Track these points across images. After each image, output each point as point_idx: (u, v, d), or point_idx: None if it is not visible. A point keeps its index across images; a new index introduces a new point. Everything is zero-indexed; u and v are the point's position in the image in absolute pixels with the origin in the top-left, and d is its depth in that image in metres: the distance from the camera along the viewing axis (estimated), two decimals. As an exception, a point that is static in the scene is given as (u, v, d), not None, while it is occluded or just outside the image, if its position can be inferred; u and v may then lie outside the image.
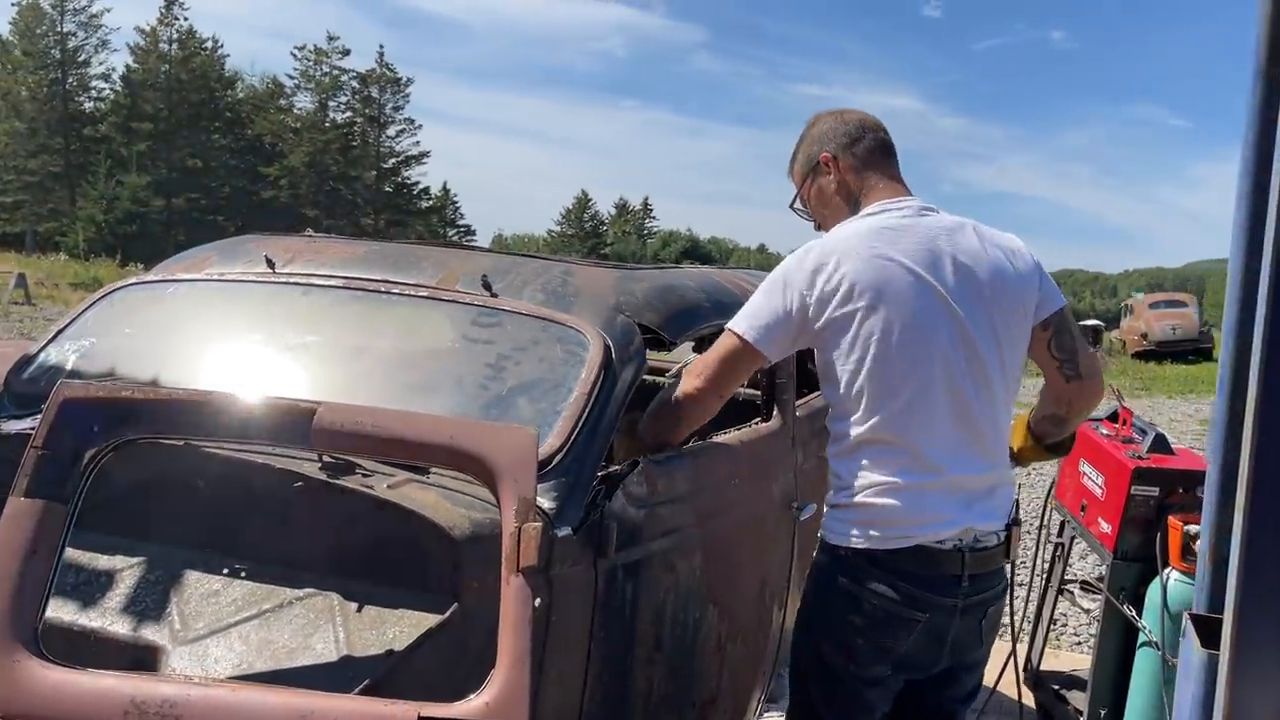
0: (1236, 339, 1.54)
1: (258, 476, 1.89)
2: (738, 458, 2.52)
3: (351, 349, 2.30)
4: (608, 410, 2.07)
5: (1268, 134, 1.48)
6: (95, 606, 1.84)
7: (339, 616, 1.76)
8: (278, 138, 66.47)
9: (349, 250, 2.56)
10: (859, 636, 2.12)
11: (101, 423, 1.68)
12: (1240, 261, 1.53)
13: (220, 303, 2.46)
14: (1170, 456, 3.44)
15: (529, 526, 1.61)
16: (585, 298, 2.31)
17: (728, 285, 2.81)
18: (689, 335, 2.41)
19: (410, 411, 1.80)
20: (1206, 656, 1.39)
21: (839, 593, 2.12)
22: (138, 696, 1.49)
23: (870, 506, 2.09)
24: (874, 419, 2.08)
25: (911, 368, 2.08)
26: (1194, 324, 28.30)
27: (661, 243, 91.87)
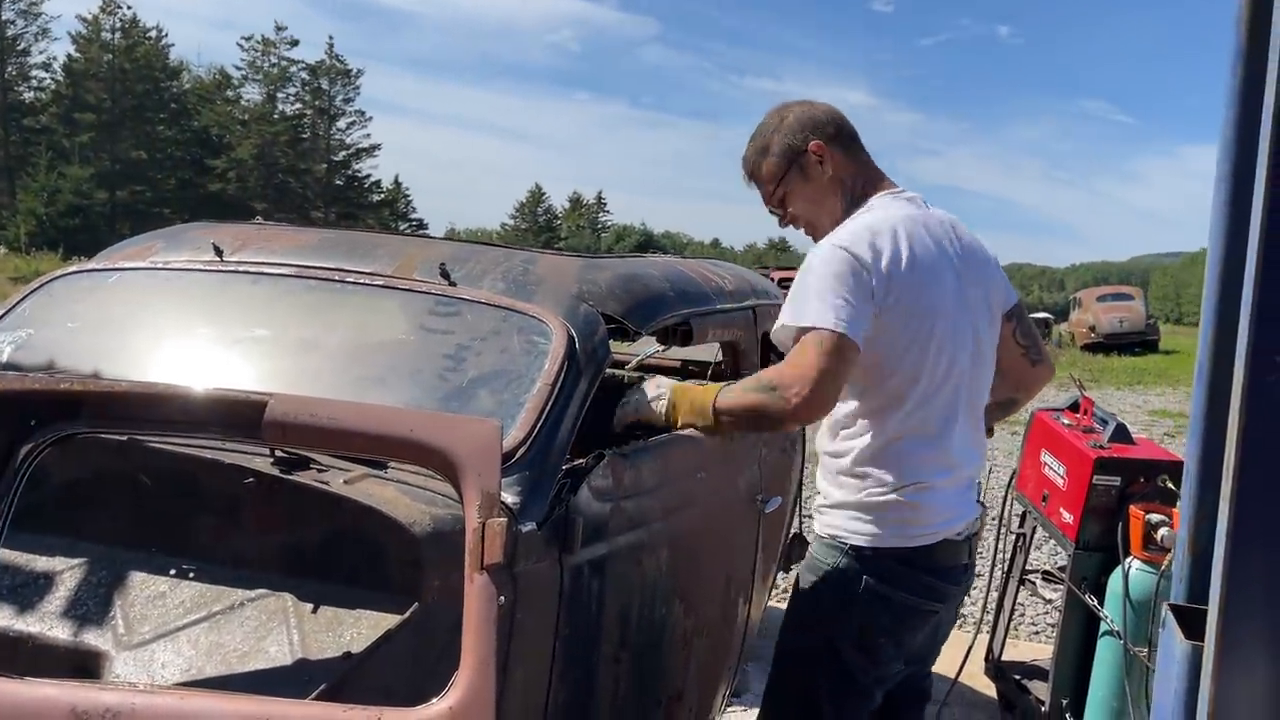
0: (1216, 329, 1.51)
1: (205, 473, 1.80)
2: (703, 450, 2.47)
3: (304, 340, 2.21)
4: (572, 402, 2.01)
5: (1249, 115, 1.45)
6: (32, 611, 1.74)
7: (293, 618, 1.69)
8: (225, 129, 65.33)
9: (301, 238, 2.47)
10: (884, 636, 2.10)
11: (38, 416, 1.59)
12: (1220, 246, 1.50)
13: (166, 292, 2.36)
14: (1131, 446, 3.45)
15: (493, 522, 1.54)
16: (547, 287, 2.24)
17: (692, 275, 2.76)
18: (653, 325, 2.35)
19: (367, 403, 1.72)
20: (1190, 648, 1.36)
21: (866, 594, 2.08)
22: (79, 706, 1.40)
23: (908, 505, 2.05)
24: (921, 411, 2.05)
25: (951, 361, 2.07)
26: (1140, 316, 28.78)
27: (616, 237, 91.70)
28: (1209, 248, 1.54)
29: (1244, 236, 1.42)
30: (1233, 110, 1.49)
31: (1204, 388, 1.53)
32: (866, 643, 2.10)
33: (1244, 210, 1.43)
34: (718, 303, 2.72)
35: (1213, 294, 1.52)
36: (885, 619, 2.08)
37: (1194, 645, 1.36)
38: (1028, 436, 3.84)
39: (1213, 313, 1.52)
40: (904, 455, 2.06)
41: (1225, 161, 1.51)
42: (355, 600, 1.70)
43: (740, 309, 2.87)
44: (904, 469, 2.06)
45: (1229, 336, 1.45)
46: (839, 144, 2.22)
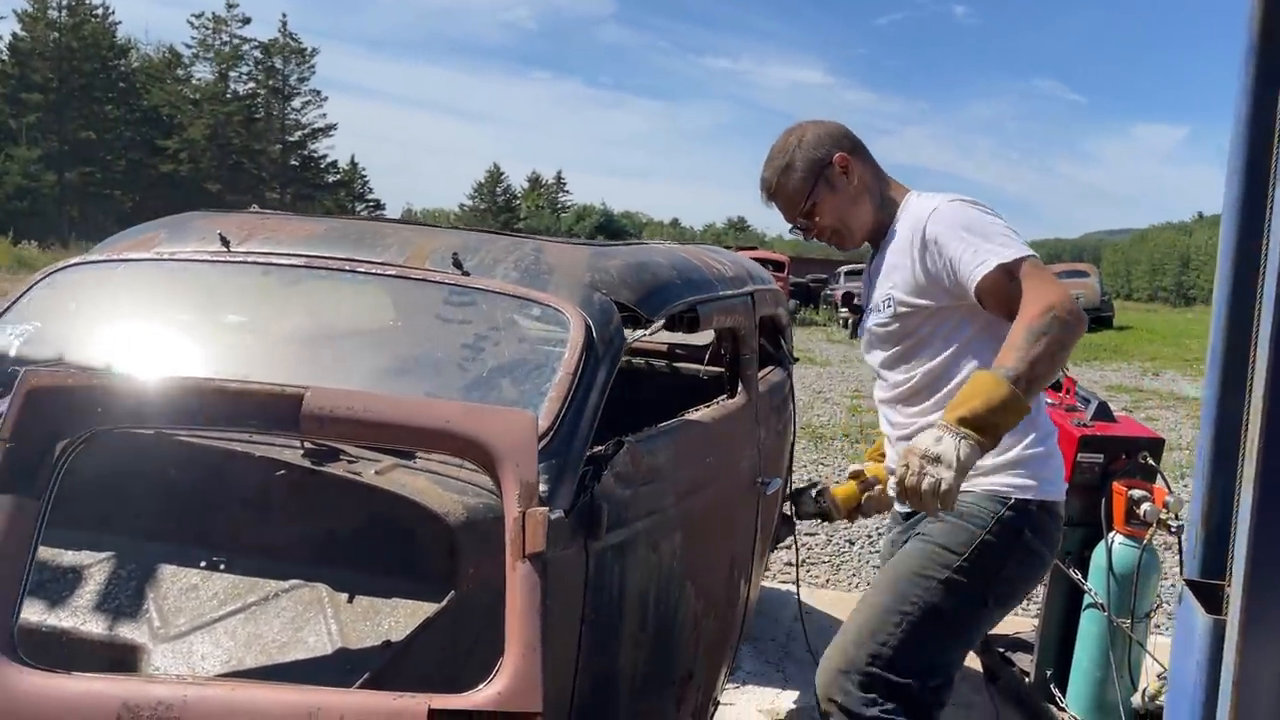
0: (1229, 315, 1.57)
1: (234, 465, 1.81)
2: (711, 435, 2.51)
3: (320, 331, 2.22)
4: (593, 391, 2.04)
5: (1263, 110, 1.50)
6: (64, 606, 1.74)
7: (329, 608, 1.70)
8: (176, 109, 64.14)
9: (308, 228, 2.47)
10: (1025, 587, 2.25)
11: (73, 412, 1.59)
12: (1233, 233, 1.56)
13: (175, 284, 2.35)
14: (1113, 424, 3.55)
15: (534, 511, 1.57)
16: (559, 275, 2.26)
17: (695, 262, 2.79)
18: (664, 313, 2.38)
19: (403, 395, 1.74)
20: (1212, 622, 1.42)
21: (1022, 548, 2.18)
22: (130, 700, 1.42)
23: (1054, 457, 2.25)
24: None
25: None
26: (1096, 293, 29.27)
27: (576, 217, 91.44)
28: (1222, 234, 1.60)
29: (1259, 222, 1.48)
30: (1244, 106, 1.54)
31: (1217, 372, 1.59)
32: (1010, 594, 2.22)
33: (1259, 195, 1.48)
34: (720, 289, 2.76)
35: (1226, 280, 1.58)
36: (1031, 573, 2.22)
37: (1216, 620, 1.43)
38: (1011, 416, 3.91)
39: (1226, 300, 1.58)
40: (1040, 407, 2.24)
41: (1238, 154, 1.56)
42: (389, 589, 1.72)
43: (740, 295, 2.90)
44: (1041, 420, 2.23)
45: (1243, 323, 1.52)
46: (859, 154, 2.37)
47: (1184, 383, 16.81)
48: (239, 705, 1.43)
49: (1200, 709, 1.43)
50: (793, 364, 3.83)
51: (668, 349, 4.27)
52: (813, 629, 3.76)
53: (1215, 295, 1.60)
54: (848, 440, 9.98)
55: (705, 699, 2.78)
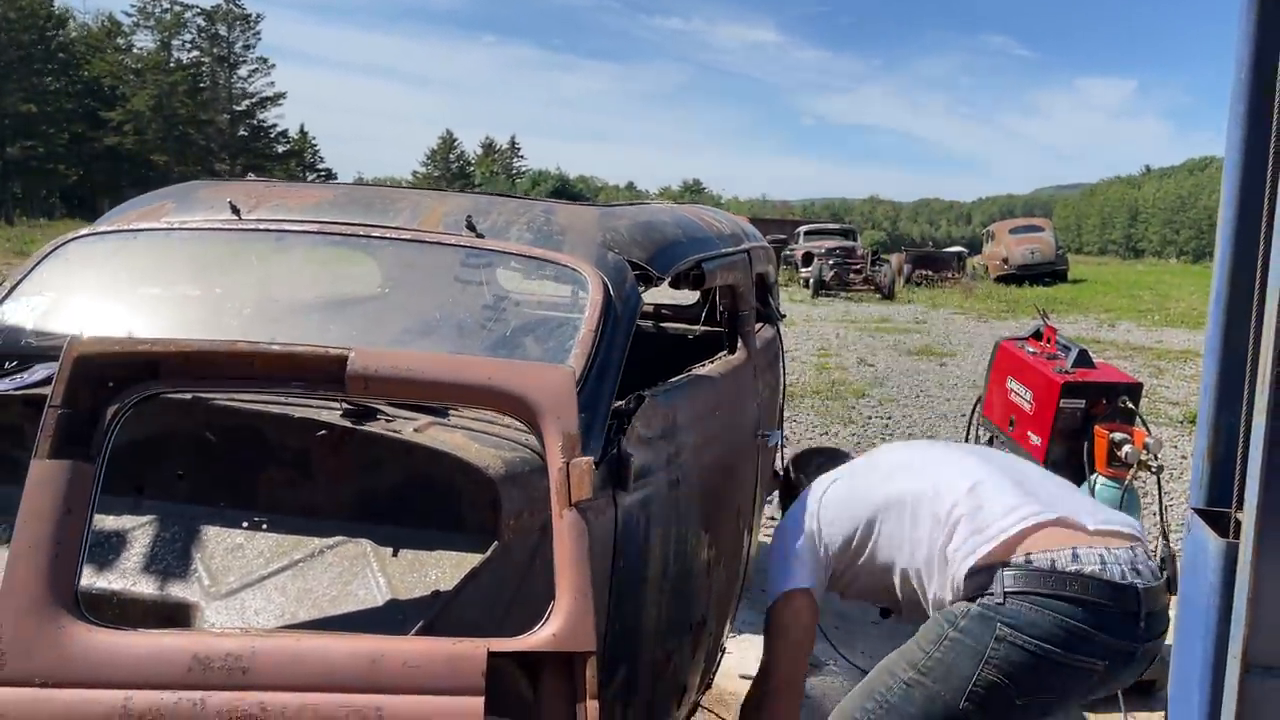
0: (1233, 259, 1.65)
1: (273, 427, 1.85)
2: (719, 390, 2.58)
3: (339, 297, 2.25)
4: (615, 347, 2.09)
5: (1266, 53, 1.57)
6: (114, 568, 1.78)
7: (375, 562, 1.76)
8: (118, 80, 62.64)
9: (317, 194, 2.49)
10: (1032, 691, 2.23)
11: (120, 377, 1.62)
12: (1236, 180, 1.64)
13: (188, 253, 2.37)
14: (1093, 370, 3.67)
15: (579, 461, 1.63)
16: (572, 236, 2.31)
17: (695, 219, 2.85)
18: (673, 270, 2.44)
19: (443, 354, 1.79)
20: (1225, 545, 1.52)
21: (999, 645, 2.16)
22: (200, 652, 1.47)
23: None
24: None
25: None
26: (1051, 247, 29.66)
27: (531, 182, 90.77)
28: (1225, 173, 1.67)
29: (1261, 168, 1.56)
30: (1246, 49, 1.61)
31: (1220, 312, 1.68)
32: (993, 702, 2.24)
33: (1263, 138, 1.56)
34: (720, 247, 2.82)
35: (1230, 220, 1.65)
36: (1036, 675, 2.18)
37: (1228, 543, 1.52)
38: (993, 365, 4.04)
39: (1230, 239, 1.66)
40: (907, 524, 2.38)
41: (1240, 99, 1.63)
42: (432, 542, 1.78)
43: (738, 252, 2.96)
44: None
45: (1247, 266, 1.60)
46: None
47: (1139, 333, 17.18)
48: (305, 654, 1.49)
49: (1214, 627, 1.53)
50: (780, 320, 3.90)
51: (654, 310, 4.33)
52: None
53: (1219, 233, 1.68)
54: (819, 397, 10.13)
55: (715, 645, 2.87)
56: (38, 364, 2.07)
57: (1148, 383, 11.01)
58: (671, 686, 2.47)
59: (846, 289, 25.14)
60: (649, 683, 2.28)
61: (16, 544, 1.49)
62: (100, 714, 1.42)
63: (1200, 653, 1.60)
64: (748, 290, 3.01)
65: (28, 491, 1.52)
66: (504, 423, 1.91)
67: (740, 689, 3.71)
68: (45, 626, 1.47)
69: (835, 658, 3.86)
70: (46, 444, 1.56)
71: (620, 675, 2.12)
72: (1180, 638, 1.77)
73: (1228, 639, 1.52)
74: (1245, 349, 1.59)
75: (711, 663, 2.94)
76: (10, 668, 1.43)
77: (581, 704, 1.52)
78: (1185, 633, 1.72)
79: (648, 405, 2.16)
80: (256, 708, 1.42)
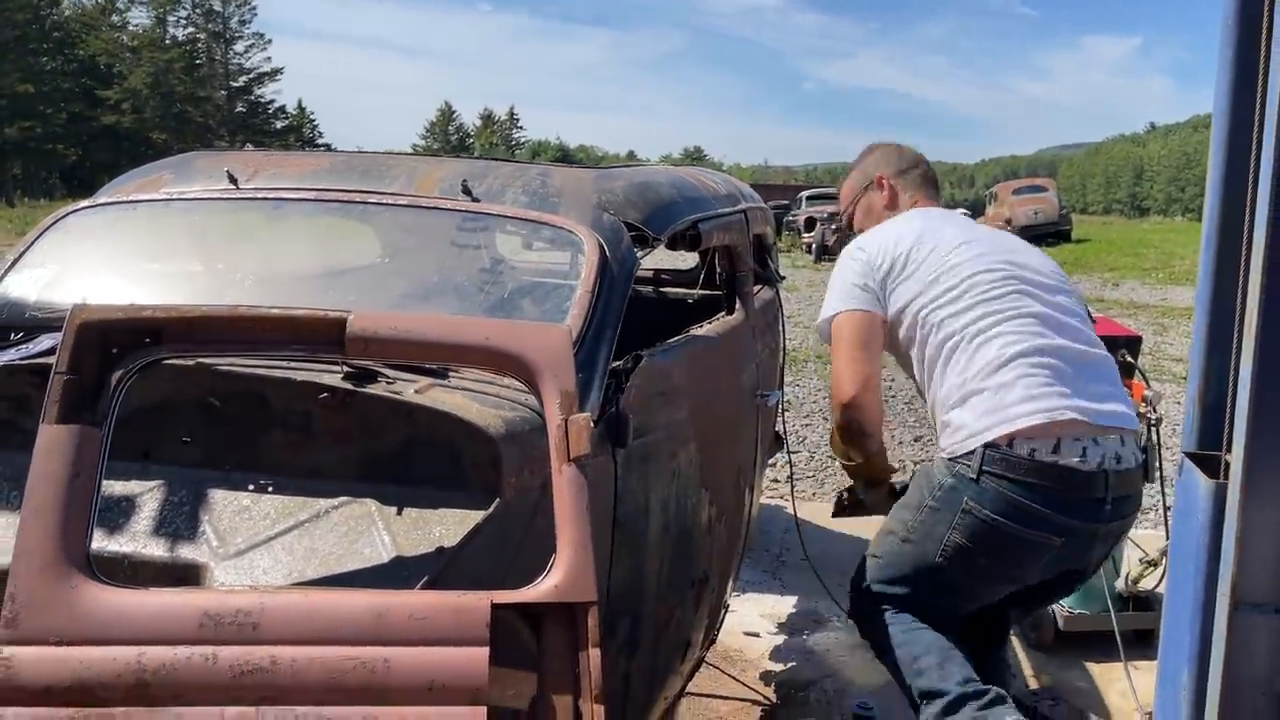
0: (1223, 202, 1.66)
1: (276, 390, 1.88)
2: (717, 349, 2.60)
3: (338, 264, 2.27)
4: (612, 307, 2.11)
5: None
6: (122, 531, 1.82)
7: (380, 521, 1.79)
8: (114, 58, 62.36)
9: (313, 162, 2.50)
10: (986, 556, 2.53)
11: (124, 343, 1.65)
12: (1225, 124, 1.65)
13: (187, 223, 2.39)
14: (1092, 324, 3.67)
15: (577, 418, 1.65)
16: (568, 198, 2.32)
17: (691, 180, 2.86)
18: (669, 231, 2.45)
19: (442, 315, 1.81)
20: (1214, 486, 1.54)
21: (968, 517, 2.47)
22: (210, 609, 1.50)
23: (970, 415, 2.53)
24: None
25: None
26: (1054, 208, 29.56)
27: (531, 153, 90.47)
28: (1214, 120, 1.68)
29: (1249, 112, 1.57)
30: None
31: (1211, 255, 1.69)
32: (961, 560, 2.54)
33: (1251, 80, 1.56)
34: (717, 207, 2.83)
35: (1219, 165, 1.66)
36: (988, 543, 2.50)
37: (1218, 484, 1.55)
38: (992, 323, 4.04)
39: (1219, 186, 1.67)
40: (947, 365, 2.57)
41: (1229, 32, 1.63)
42: (435, 501, 1.81)
43: (735, 213, 2.97)
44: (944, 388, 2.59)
45: (1236, 209, 1.62)
46: (903, 178, 2.88)
47: (1143, 291, 17.14)
48: (314, 609, 1.52)
49: (1204, 566, 1.56)
50: (779, 283, 3.92)
51: (654, 275, 4.34)
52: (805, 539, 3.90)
53: (1209, 181, 1.68)
54: (820, 362, 10.14)
55: (718, 602, 2.91)
56: (43, 334, 2.09)
57: (1151, 340, 11.02)
58: (675, 642, 2.51)
59: (849, 253, 25.03)
60: (652, 638, 2.32)
61: (28, 507, 1.52)
62: (115, 670, 1.46)
63: (1191, 592, 1.62)
64: (745, 251, 3.03)
65: (36, 456, 1.55)
66: (503, 383, 1.94)
67: (745, 646, 3.77)
68: (58, 586, 1.51)
69: (839, 614, 3.90)
70: (54, 410, 1.58)
71: (623, 630, 2.16)
72: (1172, 579, 1.80)
73: (1217, 578, 1.55)
74: (1234, 297, 1.60)
75: (715, 619, 2.99)
76: (25, 627, 1.47)
77: (584, 652, 1.55)
78: (1177, 574, 1.74)
79: (645, 364, 2.18)
80: (267, 661, 1.46)
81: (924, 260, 2.53)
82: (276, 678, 1.46)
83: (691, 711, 3.26)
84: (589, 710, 1.53)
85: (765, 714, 3.31)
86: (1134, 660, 3.40)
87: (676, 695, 2.77)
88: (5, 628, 1.46)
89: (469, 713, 1.47)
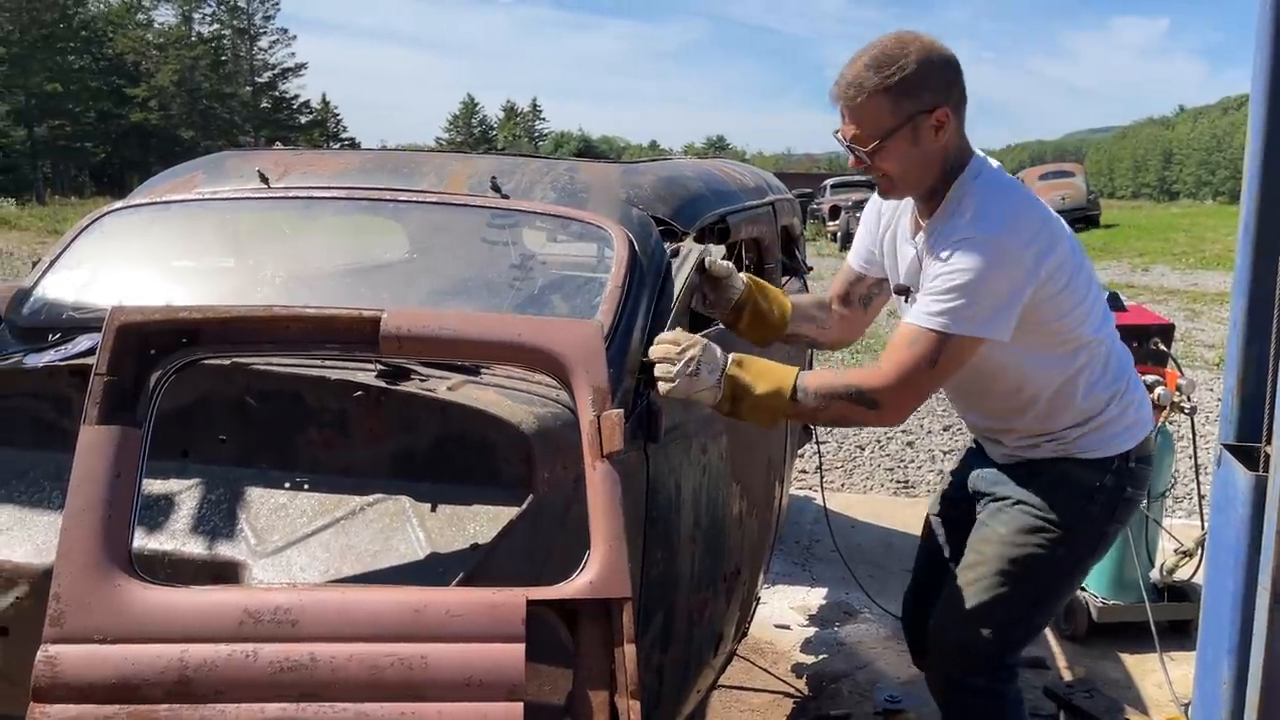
0: (1261, 192, 1.64)
1: (311, 389, 1.89)
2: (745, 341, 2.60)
3: (370, 261, 2.29)
4: (641, 303, 2.11)
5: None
6: (162, 530, 1.84)
7: (414, 518, 1.80)
8: (141, 55, 62.82)
9: (343, 161, 2.52)
10: (1121, 529, 2.33)
11: (162, 345, 1.67)
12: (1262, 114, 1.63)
13: (220, 222, 2.41)
14: (1124, 312, 3.64)
15: (609, 414, 1.66)
16: (596, 193, 2.32)
17: (718, 173, 2.85)
18: (698, 225, 2.45)
19: (474, 312, 1.82)
20: (1254, 479, 1.53)
21: (1124, 504, 2.23)
22: (250, 606, 1.52)
23: (1140, 403, 2.30)
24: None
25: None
26: (1082, 193, 29.26)
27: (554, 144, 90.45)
28: (1252, 107, 1.66)
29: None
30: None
31: (1250, 246, 1.68)
32: (1108, 546, 2.37)
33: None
34: (744, 200, 2.82)
35: (1256, 154, 1.64)
36: (1130, 516, 2.32)
37: (1257, 476, 1.53)
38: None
39: (1257, 175, 1.65)
40: (1117, 356, 2.27)
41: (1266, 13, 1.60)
42: (468, 497, 1.82)
43: (763, 204, 2.97)
44: (1124, 372, 2.27)
45: (1274, 194, 1.60)
46: (959, 112, 2.04)
47: (1173, 276, 16.95)
48: (351, 606, 1.54)
49: (1244, 559, 1.55)
50: (807, 273, 3.90)
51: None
52: (834, 530, 3.90)
53: (1246, 168, 1.67)
54: (848, 350, 10.10)
55: (749, 595, 2.92)
56: (81, 335, 2.12)
57: (1182, 326, 10.90)
58: (707, 635, 2.52)
59: (875, 241, 24.92)
60: (685, 631, 2.32)
61: (70, 508, 1.55)
62: (158, 667, 1.48)
63: (1231, 585, 1.61)
64: (773, 243, 3.02)
65: (79, 457, 1.58)
66: (535, 379, 1.95)
67: (775, 638, 3.77)
68: (102, 585, 1.53)
69: (870, 605, 3.90)
70: (94, 411, 1.61)
71: (656, 624, 2.17)
72: (1211, 571, 1.79)
73: (1257, 571, 1.53)
74: (1273, 284, 1.59)
75: (746, 612, 2.99)
76: (70, 625, 1.50)
77: (619, 648, 1.56)
78: (1216, 566, 1.73)
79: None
80: (307, 658, 1.48)
81: (1073, 270, 2.05)
82: (316, 674, 1.48)
83: (723, 704, 3.27)
84: (625, 705, 1.54)
85: (797, 706, 3.31)
86: (1169, 651, 3.38)
87: (709, 688, 2.78)
88: (50, 626, 1.49)
89: (506, 708, 1.48)
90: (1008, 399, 2.20)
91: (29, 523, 1.86)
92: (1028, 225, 1.98)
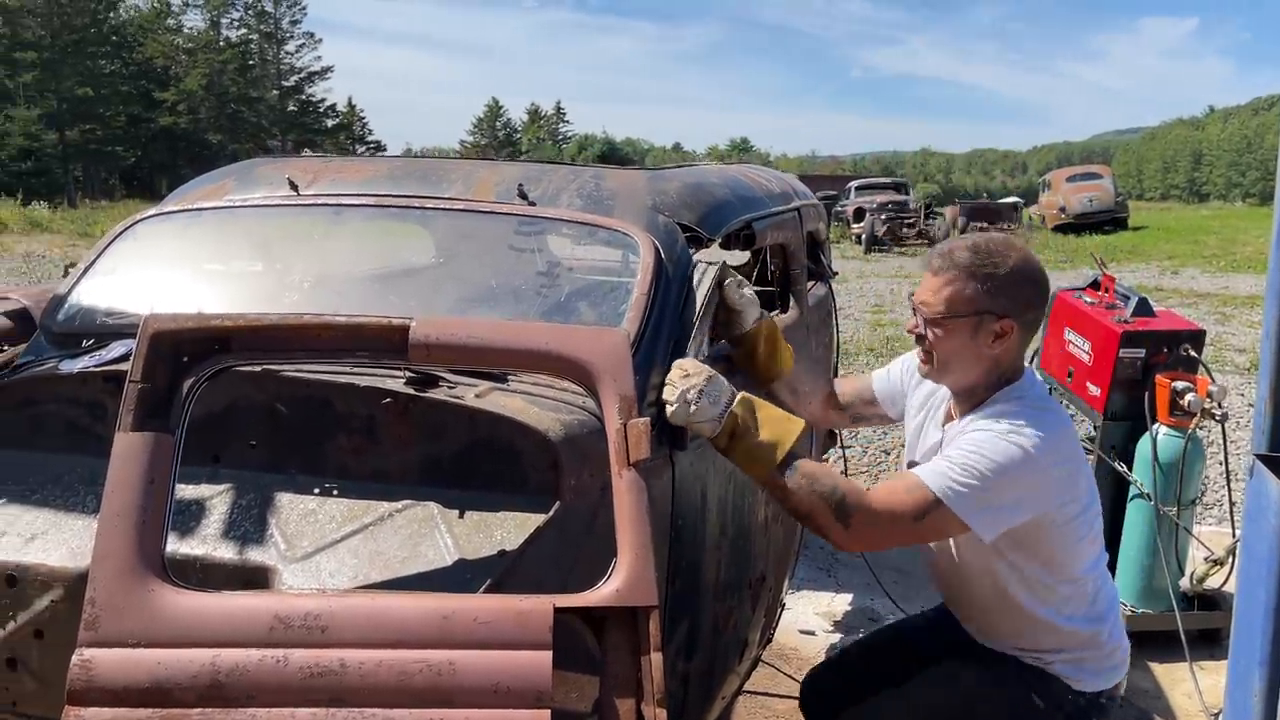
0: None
1: (340, 396, 1.91)
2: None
3: (398, 268, 2.30)
4: (667, 310, 2.12)
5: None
6: (193, 535, 1.86)
7: (442, 524, 1.82)
8: (170, 60, 63.56)
9: (371, 168, 2.54)
10: None
11: (195, 352, 1.69)
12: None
13: (251, 229, 2.43)
14: (1153, 319, 3.62)
15: (636, 422, 1.66)
16: (622, 200, 2.33)
17: (744, 179, 2.85)
18: (723, 231, 2.46)
19: (502, 320, 1.83)
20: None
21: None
22: (280, 612, 1.53)
23: (1119, 642, 2.22)
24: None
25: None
26: (1110, 195, 29.00)
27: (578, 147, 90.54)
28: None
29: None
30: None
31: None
32: None
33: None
34: (770, 206, 2.82)
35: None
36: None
37: (1290, 487, 1.52)
38: (1050, 316, 3.99)
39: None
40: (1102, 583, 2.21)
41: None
42: (496, 504, 1.83)
43: (789, 210, 2.97)
44: (1103, 600, 2.22)
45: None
46: (1027, 330, 2.08)
47: (1204, 279, 16.78)
48: (380, 612, 1.55)
49: (1276, 570, 1.54)
50: (832, 278, 3.90)
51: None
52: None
53: (1279, 168, 1.66)
54: (872, 354, 10.07)
55: (775, 600, 2.91)
56: (114, 341, 2.15)
57: (1213, 330, 10.79)
58: (733, 642, 2.52)
59: (900, 244, 24.87)
60: (711, 638, 2.33)
61: (105, 513, 1.57)
62: (190, 672, 1.49)
63: (1263, 596, 1.60)
64: (798, 249, 3.02)
65: (113, 463, 1.60)
66: (562, 386, 1.96)
67: (800, 644, 3.76)
68: (135, 590, 1.55)
69: (894, 611, 3.88)
70: (129, 418, 1.63)
71: (682, 631, 2.17)
72: (1243, 583, 1.77)
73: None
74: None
75: (772, 618, 2.99)
76: (104, 629, 1.52)
77: (646, 656, 1.57)
78: (1248, 577, 1.72)
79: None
80: (336, 663, 1.49)
81: (1085, 504, 2.07)
82: (346, 680, 1.49)
83: (748, 710, 3.27)
84: (651, 714, 1.55)
85: (822, 712, 3.30)
86: (1199, 660, 3.35)
87: (734, 694, 2.78)
88: (85, 630, 1.51)
89: (533, 716, 1.49)
90: (988, 607, 2.18)
91: (64, 527, 1.89)
92: (1064, 448, 1.99)
